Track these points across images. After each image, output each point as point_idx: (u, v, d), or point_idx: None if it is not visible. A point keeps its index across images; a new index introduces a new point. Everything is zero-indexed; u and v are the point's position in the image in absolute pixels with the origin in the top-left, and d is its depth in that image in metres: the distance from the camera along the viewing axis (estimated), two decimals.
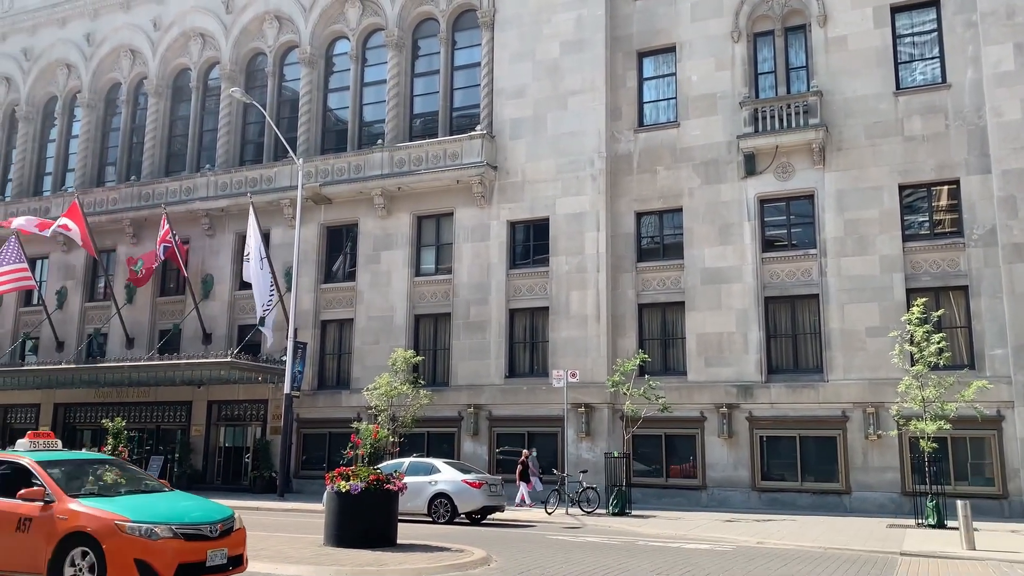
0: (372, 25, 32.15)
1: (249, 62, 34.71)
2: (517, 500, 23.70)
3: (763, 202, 25.60)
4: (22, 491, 9.36)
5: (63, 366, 31.07)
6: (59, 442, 11.14)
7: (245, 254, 29.41)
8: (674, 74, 27.44)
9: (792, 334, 24.95)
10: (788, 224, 25.61)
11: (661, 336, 26.40)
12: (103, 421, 19.17)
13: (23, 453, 10.33)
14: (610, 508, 21.72)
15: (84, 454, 12.08)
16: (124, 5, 36.93)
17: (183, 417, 32.35)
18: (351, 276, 30.49)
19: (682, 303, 25.91)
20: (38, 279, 35.11)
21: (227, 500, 23.67)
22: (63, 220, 31.61)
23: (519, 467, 24.19)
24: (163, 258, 30.99)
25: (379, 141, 30.43)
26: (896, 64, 24.87)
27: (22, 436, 11.07)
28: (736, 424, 24.46)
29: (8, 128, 39.72)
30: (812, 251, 24.75)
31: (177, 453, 31.77)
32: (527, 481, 23.97)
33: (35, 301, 35.57)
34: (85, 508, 9.19)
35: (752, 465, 24.26)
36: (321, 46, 32.98)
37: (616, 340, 26.21)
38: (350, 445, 15.01)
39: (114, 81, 37.36)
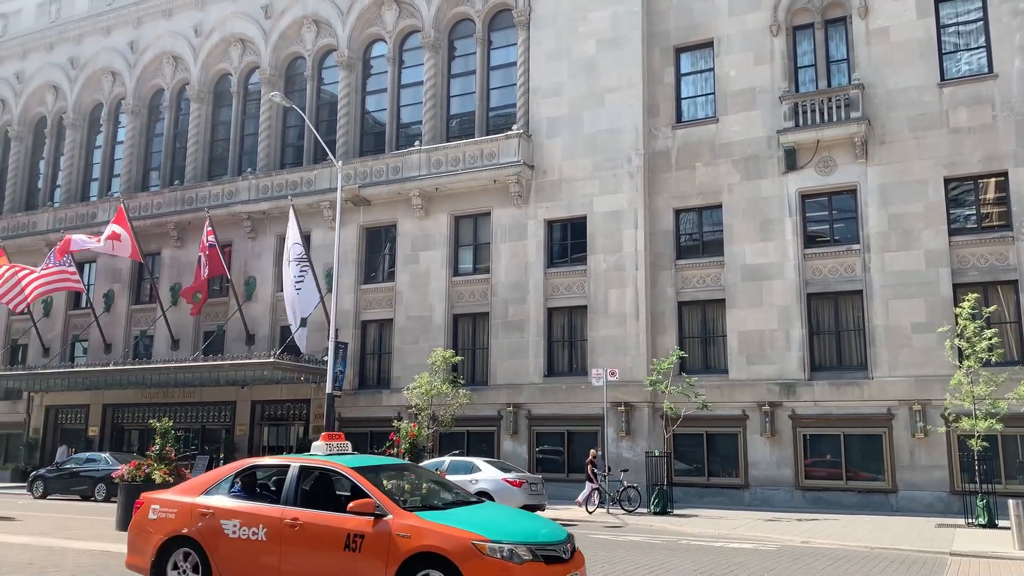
0: (408, 27, 32.37)
1: (288, 66, 35.16)
2: (582, 499, 22.99)
3: (804, 197, 25.26)
4: (352, 503, 8.17)
5: (111, 367, 31.74)
6: (349, 444, 9.89)
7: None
8: (712, 69, 27.21)
9: (835, 331, 24.58)
10: (830, 219, 25.24)
11: (702, 334, 26.18)
12: (150, 421, 19.55)
13: (327, 458, 9.18)
14: (651, 507, 21.61)
15: (381, 459, 10.54)
16: (166, 12, 37.64)
17: (227, 417, 32.87)
18: (390, 276, 30.73)
19: (723, 300, 25.67)
20: (86, 282, 35.94)
21: None
22: (112, 228, 32.24)
23: (588, 467, 23.28)
24: (207, 274, 31.27)
25: (416, 142, 30.62)
26: (940, 55, 24.38)
27: (74, 437, 10.77)
28: (779, 422, 24.17)
29: (56, 135, 40.71)
30: (855, 246, 24.36)
31: (222, 453, 32.28)
32: (594, 480, 23.09)
33: (83, 304, 36.41)
34: (430, 524, 7.94)
35: (796, 464, 23.96)
36: (358, 49, 33.29)
37: (656, 338, 26.06)
38: (388, 443, 15.19)
39: (157, 87, 38.10)
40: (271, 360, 27.99)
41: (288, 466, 9.07)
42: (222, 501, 8.94)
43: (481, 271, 29.21)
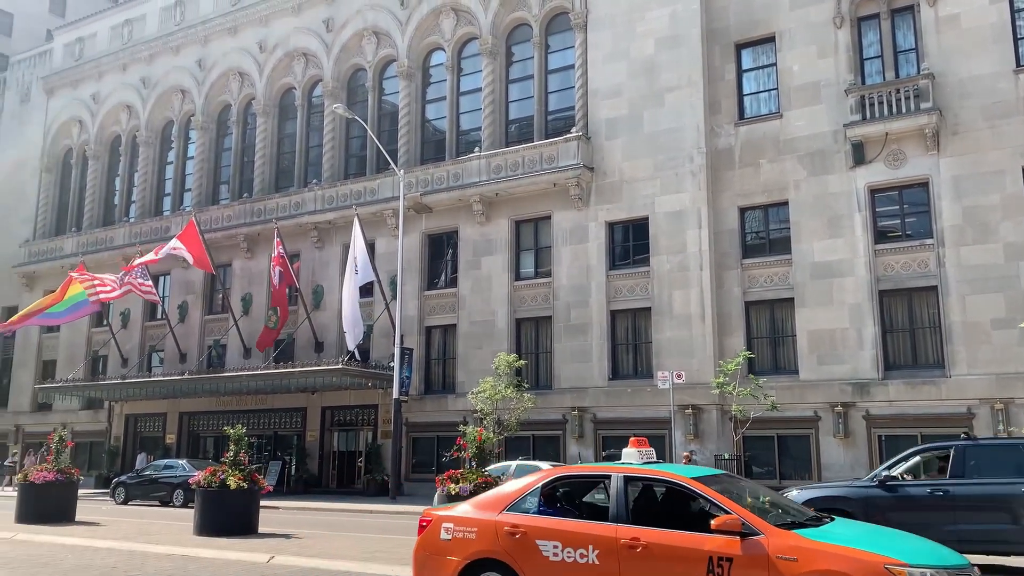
0: (466, 35, 32.63)
1: (350, 78, 35.78)
2: None
3: (874, 192, 24.59)
4: (717, 521, 6.96)
5: (186, 376, 32.71)
6: (653, 451, 8.80)
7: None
8: (774, 64, 26.72)
9: (910, 328, 23.85)
10: (902, 214, 24.51)
11: (770, 334, 25.68)
12: (224, 428, 20.04)
13: (651, 467, 8.19)
14: None
15: (703, 469, 9.30)
16: (232, 30, 38.71)
17: (298, 423, 33.55)
18: (453, 282, 30.97)
19: (791, 299, 25.15)
20: (161, 294, 37.11)
21: (342, 503, 24.42)
22: (174, 243, 33.25)
23: None
24: (280, 286, 31.89)
25: (476, 149, 30.83)
26: (1015, 40, 23.46)
27: (152, 445, 10.57)
28: (852, 423, 23.54)
29: (130, 153, 42.20)
30: (928, 241, 23.61)
31: (294, 458, 32.97)
32: None
33: (159, 315, 37.60)
34: (820, 545, 6.72)
35: (871, 465, 23.22)
36: (418, 58, 33.69)
37: (722, 339, 25.66)
38: (455, 447, 15.31)
39: (225, 103, 39.19)
40: (339, 367, 28.46)
41: (608, 477, 8.00)
42: (532, 518, 7.84)
43: (543, 275, 29.21)
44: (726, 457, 22.11)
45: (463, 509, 8.41)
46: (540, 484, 8.14)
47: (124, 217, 41.37)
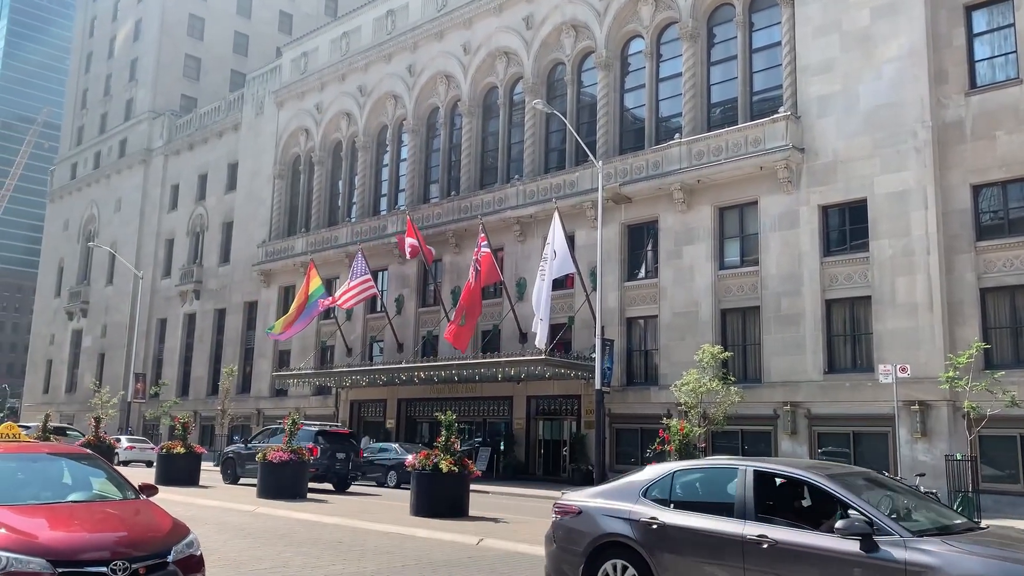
0: (665, 20, 32.02)
1: (549, 73, 36.26)
2: None
3: None
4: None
5: (402, 365, 34.65)
6: None
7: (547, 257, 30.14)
8: (1012, 25, 23.98)
9: None
10: None
11: (1011, 324, 23.15)
12: (436, 414, 21.01)
13: None
14: None
15: None
16: (438, 35, 40.44)
17: (506, 411, 34.57)
18: (653, 273, 30.56)
19: None
20: (380, 289, 39.57)
21: (549, 491, 24.89)
22: (411, 240, 35.10)
23: None
24: (482, 281, 32.70)
25: (676, 135, 30.19)
26: None
27: (375, 429, 11.16)
28: None
29: (350, 157, 45.32)
30: None
31: (502, 445, 34.03)
32: None
33: (378, 308, 40.12)
34: None
35: None
36: (616, 48, 33.51)
37: (953, 330, 23.47)
38: (658, 440, 15.10)
39: (433, 106, 41.05)
40: (542, 357, 28.95)
41: None
42: None
43: (749, 263, 28.11)
44: (958, 458, 20.19)
45: None
46: None
47: (347, 217, 44.48)
